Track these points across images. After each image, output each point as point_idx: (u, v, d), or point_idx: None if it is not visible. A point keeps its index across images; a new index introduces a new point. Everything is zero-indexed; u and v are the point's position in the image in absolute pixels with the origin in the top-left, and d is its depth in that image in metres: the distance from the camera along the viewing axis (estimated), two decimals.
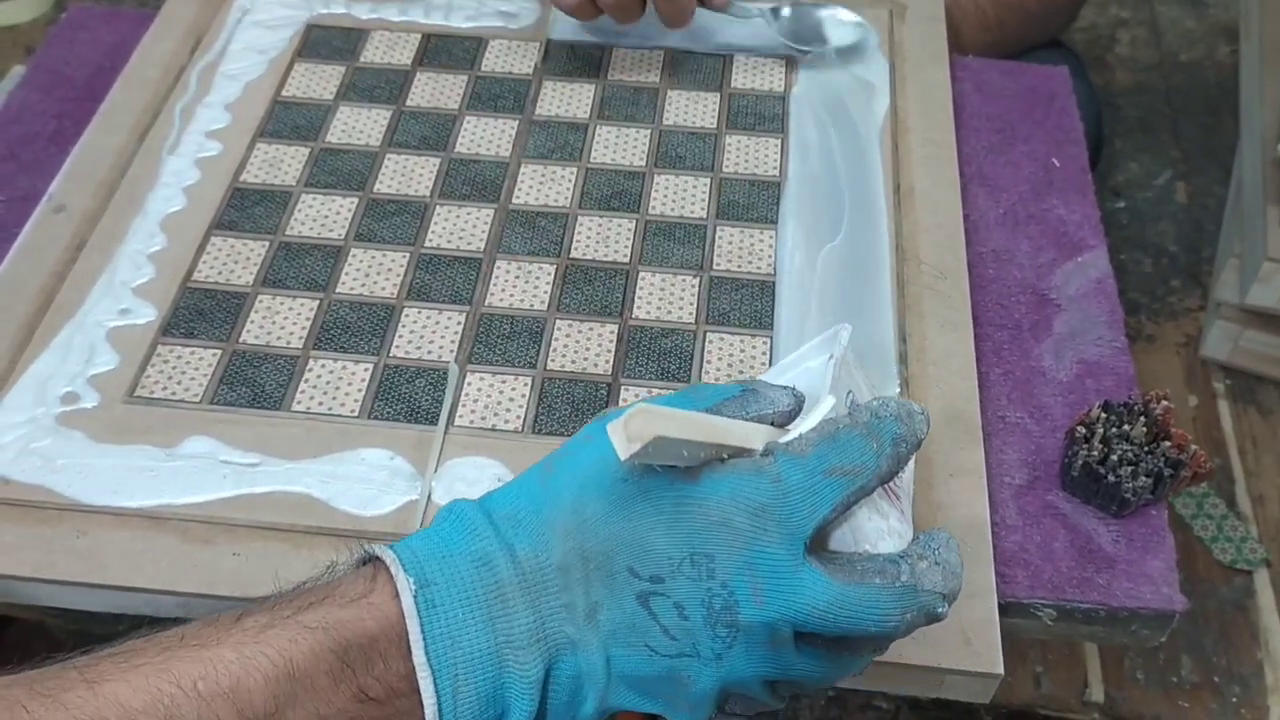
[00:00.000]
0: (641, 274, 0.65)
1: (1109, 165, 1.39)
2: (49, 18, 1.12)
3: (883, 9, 0.81)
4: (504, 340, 0.61)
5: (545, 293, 0.64)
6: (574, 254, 0.66)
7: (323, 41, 0.78)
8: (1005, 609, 0.55)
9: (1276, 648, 0.82)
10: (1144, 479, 0.56)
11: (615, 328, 0.62)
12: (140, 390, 0.59)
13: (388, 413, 0.58)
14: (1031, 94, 0.80)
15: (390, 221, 0.67)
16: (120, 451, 0.56)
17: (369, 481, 0.55)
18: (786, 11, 0.76)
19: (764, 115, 0.74)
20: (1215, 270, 1.18)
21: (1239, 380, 1.08)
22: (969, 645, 0.50)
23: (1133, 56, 1.70)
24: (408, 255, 0.65)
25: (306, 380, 0.59)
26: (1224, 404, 1.06)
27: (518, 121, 0.73)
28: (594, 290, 0.64)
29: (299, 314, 0.62)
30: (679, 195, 0.69)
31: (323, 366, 0.60)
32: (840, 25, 0.77)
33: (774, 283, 0.64)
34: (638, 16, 0.73)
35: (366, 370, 0.60)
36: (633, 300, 0.63)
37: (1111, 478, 0.56)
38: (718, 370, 0.60)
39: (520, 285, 0.64)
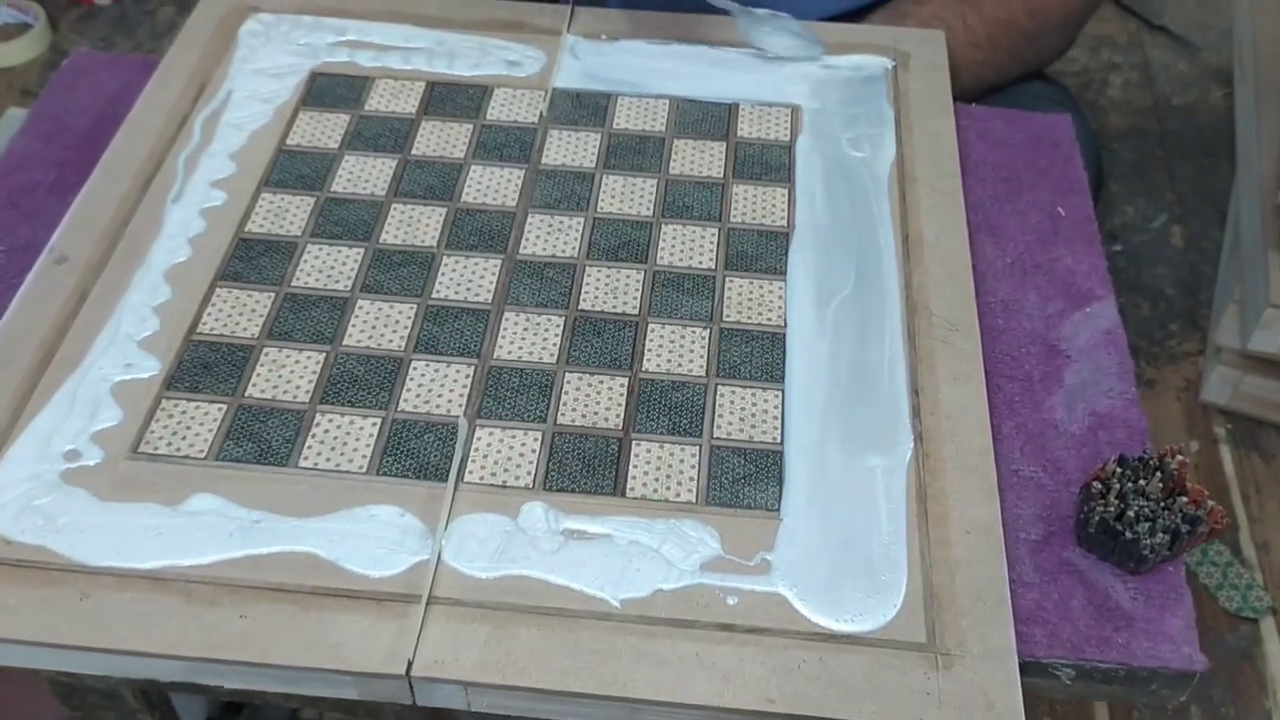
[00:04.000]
0: (651, 326, 0.64)
1: (1105, 209, 1.39)
2: (45, 59, 1.12)
3: (887, 58, 0.81)
4: (513, 394, 0.61)
5: (554, 345, 0.63)
6: (583, 305, 0.65)
7: (327, 90, 0.78)
8: (1024, 668, 0.54)
9: None
10: (1161, 535, 0.56)
11: (625, 380, 0.61)
12: (144, 446, 0.58)
13: (396, 469, 0.57)
14: (1036, 142, 0.80)
15: (397, 272, 0.67)
16: (124, 509, 0.55)
17: (378, 540, 0.55)
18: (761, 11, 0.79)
19: (770, 165, 0.74)
20: (1214, 315, 1.18)
21: (1240, 425, 1.08)
22: (991, 709, 0.50)
23: (1126, 100, 1.71)
24: (415, 307, 0.65)
25: (314, 435, 0.59)
26: (1226, 449, 1.05)
27: (524, 170, 0.73)
28: (603, 342, 0.63)
29: (306, 367, 0.62)
30: (687, 245, 0.69)
31: (330, 421, 0.59)
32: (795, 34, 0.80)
33: (784, 334, 0.64)
34: None
35: (374, 425, 0.59)
36: (642, 352, 0.63)
37: (1129, 534, 0.56)
38: (729, 424, 0.60)
39: (529, 337, 0.63)
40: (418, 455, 0.58)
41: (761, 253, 0.69)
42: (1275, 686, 0.82)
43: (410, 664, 0.50)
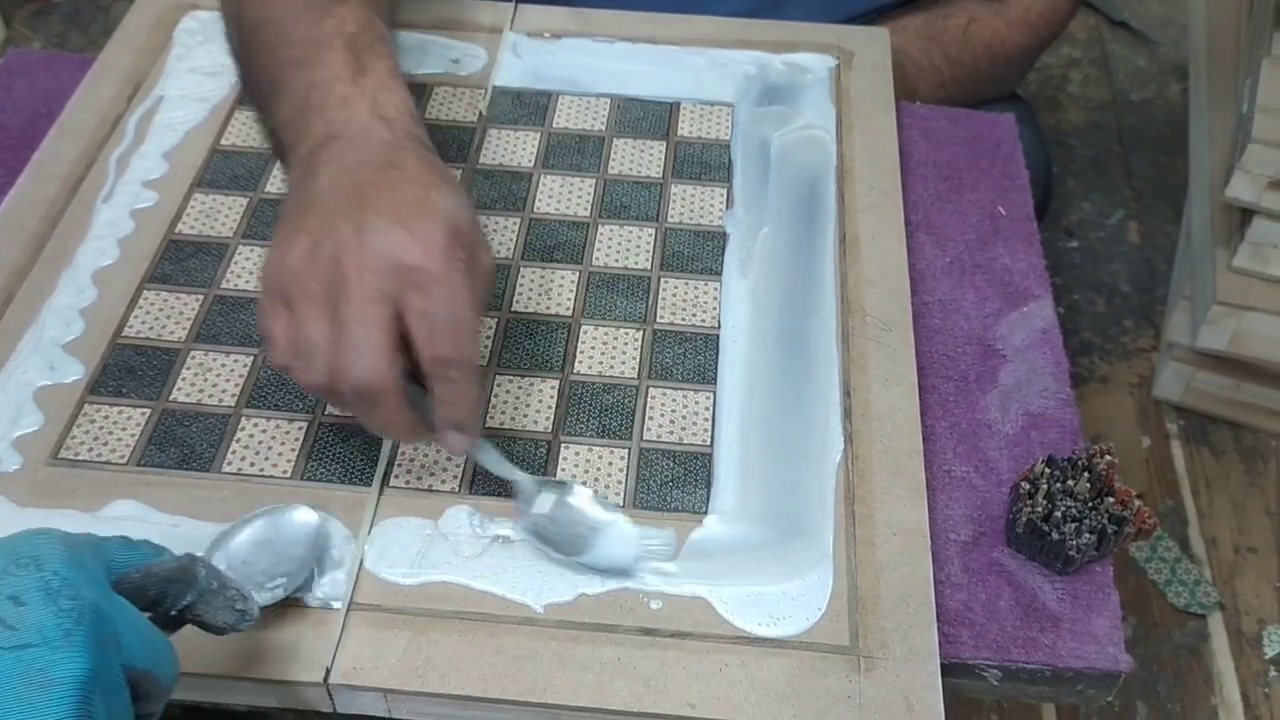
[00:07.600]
0: (584, 327, 0.64)
1: (1062, 205, 1.39)
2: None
3: (830, 56, 0.81)
4: None
5: (484, 347, 0.62)
6: (515, 307, 0.65)
7: None
8: (950, 669, 0.54)
9: (1231, 693, 0.82)
10: (1087, 536, 0.56)
11: (556, 383, 0.61)
12: (65, 452, 0.57)
13: (321, 473, 0.57)
14: (978, 141, 0.80)
15: None
16: (42, 516, 0.55)
17: None
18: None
19: (710, 164, 0.73)
20: (1167, 311, 1.19)
21: (1192, 421, 1.08)
22: (911, 711, 0.50)
23: (1085, 95, 1.71)
24: None
25: (238, 440, 0.58)
26: (1177, 444, 1.06)
27: (461, 171, 0.72)
28: (535, 344, 0.63)
29: (232, 370, 0.61)
30: (623, 246, 0.68)
31: (255, 425, 0.59)
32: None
33: (718, 336, 0.64)
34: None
35: (300, 429, 0.59)
36: (574, 355, 0.62)
37: (1055, 535, 0.56)
38: (660, 427, 0.59)
39: None
40: (343, 460, 0.57)
41: (698, 253, 0.68)
42: (1222, 683, 0.83)
43: (329, 671, 0.50)
